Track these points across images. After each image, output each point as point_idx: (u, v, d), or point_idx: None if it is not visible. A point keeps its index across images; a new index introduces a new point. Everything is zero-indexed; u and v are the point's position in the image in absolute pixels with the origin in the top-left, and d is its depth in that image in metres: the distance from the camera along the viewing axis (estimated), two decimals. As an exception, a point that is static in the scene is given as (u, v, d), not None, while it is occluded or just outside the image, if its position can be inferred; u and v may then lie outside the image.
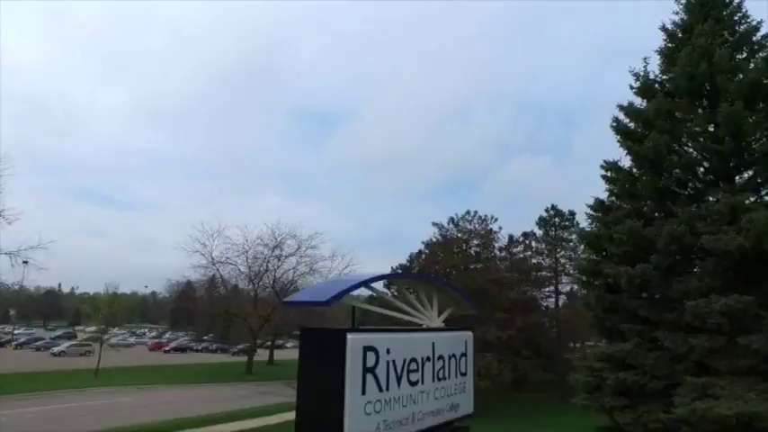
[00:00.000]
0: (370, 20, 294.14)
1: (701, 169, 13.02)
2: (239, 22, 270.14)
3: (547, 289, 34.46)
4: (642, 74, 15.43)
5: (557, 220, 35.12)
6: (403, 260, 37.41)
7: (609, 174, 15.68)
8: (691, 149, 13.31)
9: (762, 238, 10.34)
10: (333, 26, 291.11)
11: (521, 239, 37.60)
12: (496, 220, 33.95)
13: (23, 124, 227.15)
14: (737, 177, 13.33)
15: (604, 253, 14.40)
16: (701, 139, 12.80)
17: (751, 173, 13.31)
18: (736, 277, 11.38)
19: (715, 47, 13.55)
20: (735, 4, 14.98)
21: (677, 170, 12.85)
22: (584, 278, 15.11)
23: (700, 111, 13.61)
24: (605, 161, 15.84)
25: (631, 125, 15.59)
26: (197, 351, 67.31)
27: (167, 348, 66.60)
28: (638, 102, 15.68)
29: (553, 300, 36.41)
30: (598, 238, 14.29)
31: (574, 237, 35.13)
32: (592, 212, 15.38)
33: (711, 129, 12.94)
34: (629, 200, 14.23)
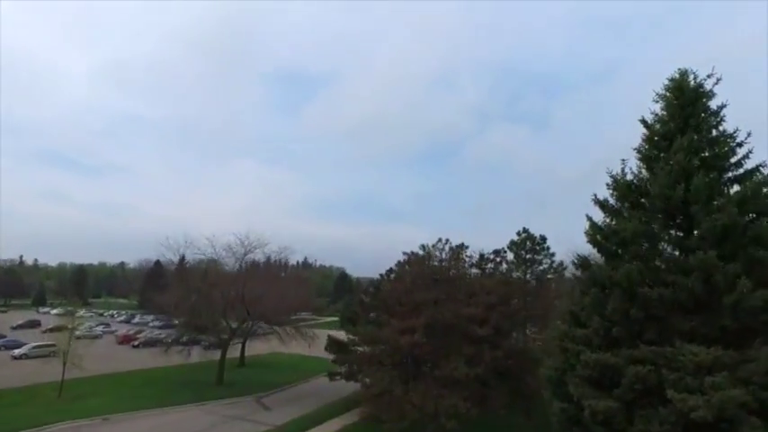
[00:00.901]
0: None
1: (674, 299, 12.90)
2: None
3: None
4: (620, 176, 15.12)
5: (528, 243, 35.33)
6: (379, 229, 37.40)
7: (580, 273, 15.53)
8: (664, 273, 13.18)
9: (724, 408, 10.46)
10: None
11: (491, 257, 37.89)
12: (467, 247, 34.08)
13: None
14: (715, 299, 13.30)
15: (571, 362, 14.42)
16: (674, 273, 12.69)
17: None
18: (697, 428, 11.55)
19: (692, 168, 13.32)
20: (714, 109, 14.64)
21: (648, 300, 12.75)
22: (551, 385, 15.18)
23: (674, 232, 13.44)
24: (578, 256, 15.71)
25: (605, 220, 15.38)
26: (168, 344, 66.41)
27: (136, 343, 65.53)
28: (614, 201, 15.44)
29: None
30: (566, 351, 14.29)
31: (545, 261, 35.63)
32: (564, 318, 15.31)
33: (685, 257, 12.86)
34: (599, 312, 14.14)
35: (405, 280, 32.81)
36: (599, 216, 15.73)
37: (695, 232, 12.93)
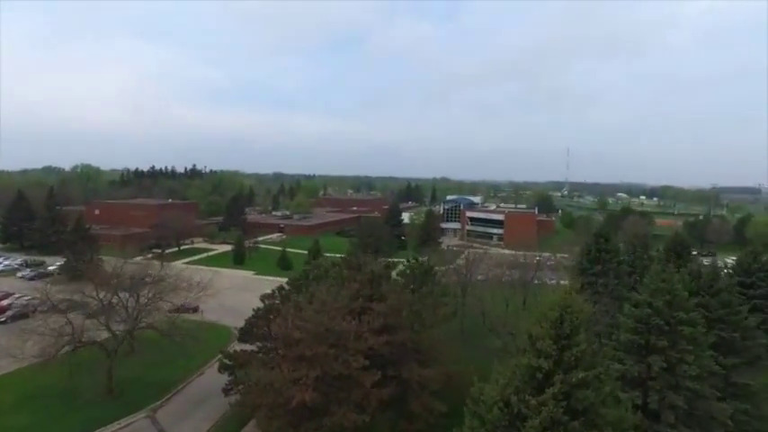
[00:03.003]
0: None
1: None
2: None
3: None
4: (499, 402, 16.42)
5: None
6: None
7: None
8: None
9: None
10: None
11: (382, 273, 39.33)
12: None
13: None
14: None
15: None
16: None
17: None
18: None
19: (559, 417, 14.88)
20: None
21: None
22: None
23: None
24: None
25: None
26: (44, 312, 61.09)
27: (3, 318, 59.60)
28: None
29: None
30: None
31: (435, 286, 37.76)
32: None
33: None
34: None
35: (293, 324, 32.90)
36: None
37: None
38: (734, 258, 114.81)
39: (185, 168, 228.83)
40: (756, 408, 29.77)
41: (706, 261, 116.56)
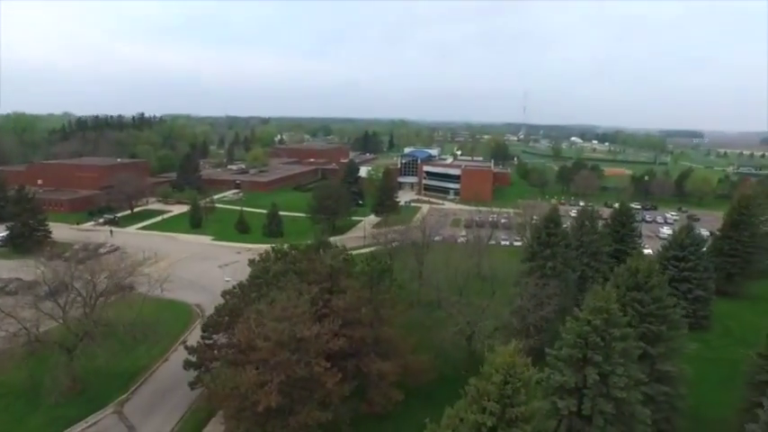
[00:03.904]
0: None
1: None
2: None
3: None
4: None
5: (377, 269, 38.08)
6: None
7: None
8: None
9: None
10: None
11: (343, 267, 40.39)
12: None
13: None
14: None
15: None
16: None
17: None
18: None
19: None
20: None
21: None
22: None
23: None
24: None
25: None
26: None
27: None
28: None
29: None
30: None
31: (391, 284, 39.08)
32: None
33: None
34: None
35: (256, 331, 33.68)
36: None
37: None
38: (673, 213, 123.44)
39: (133, 117, 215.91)
40: (675, 389, 33.91)
41: (648, 216, 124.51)
